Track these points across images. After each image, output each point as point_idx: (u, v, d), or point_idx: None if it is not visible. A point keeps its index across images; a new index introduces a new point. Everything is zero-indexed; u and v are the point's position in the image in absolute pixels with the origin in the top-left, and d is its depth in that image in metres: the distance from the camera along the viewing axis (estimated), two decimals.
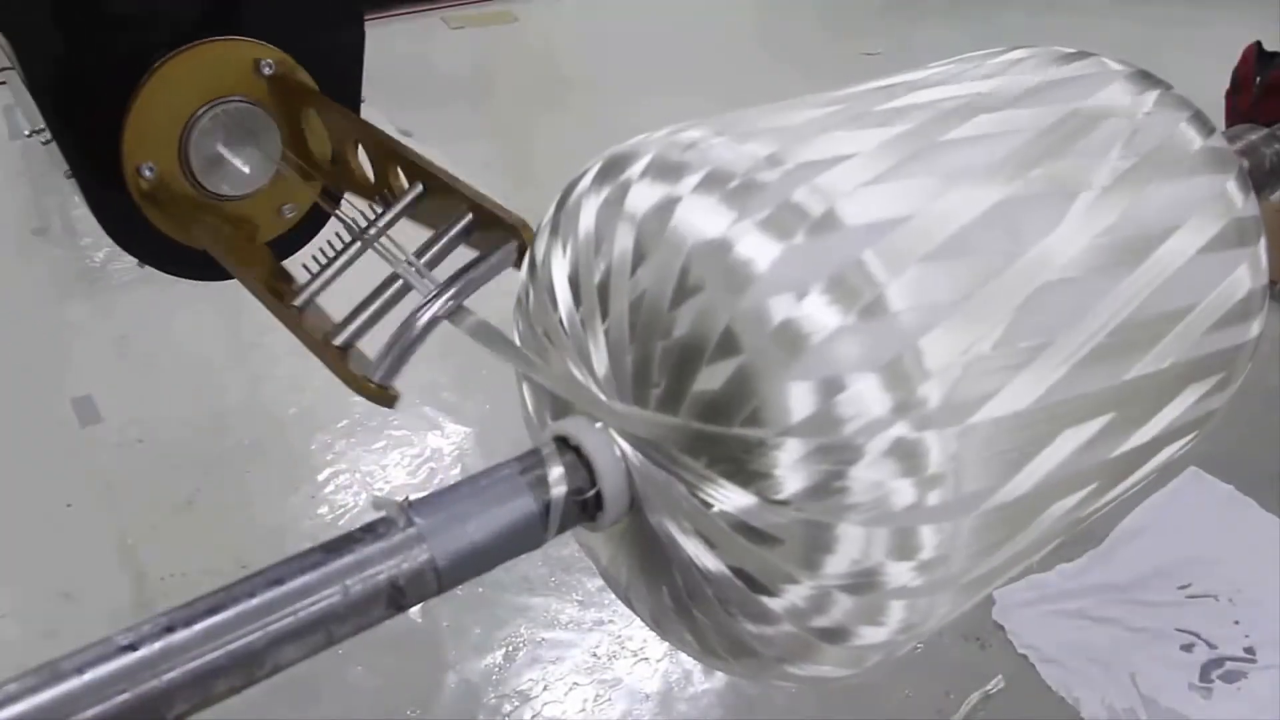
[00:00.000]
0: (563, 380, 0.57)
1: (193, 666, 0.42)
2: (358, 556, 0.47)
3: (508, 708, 1.94)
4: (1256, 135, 0.76)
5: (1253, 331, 0.63)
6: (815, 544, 0.48)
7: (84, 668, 0.40)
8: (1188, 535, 2.25)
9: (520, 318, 0.62)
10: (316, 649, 0.46)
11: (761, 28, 6.29)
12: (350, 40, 1.26)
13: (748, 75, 4.95)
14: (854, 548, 0.48)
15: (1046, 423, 0.51)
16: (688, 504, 0.51)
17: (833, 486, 0.47)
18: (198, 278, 1.28)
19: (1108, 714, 1.87)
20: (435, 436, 2.72)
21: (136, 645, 0.41)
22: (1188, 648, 2.00)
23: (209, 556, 2.26)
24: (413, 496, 0.50)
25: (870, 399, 0.46)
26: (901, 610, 0.51)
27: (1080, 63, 0.65)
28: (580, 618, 2.12)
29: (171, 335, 3.30)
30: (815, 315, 0.46)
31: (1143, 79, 0.64)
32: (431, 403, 2.84)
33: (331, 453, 2.66)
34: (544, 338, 0.58)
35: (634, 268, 0.51)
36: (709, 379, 0.48)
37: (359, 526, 0.48)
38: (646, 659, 2.02)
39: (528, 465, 0.53)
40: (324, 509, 2.45)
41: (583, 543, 0.64)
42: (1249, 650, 1.99)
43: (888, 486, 0.47)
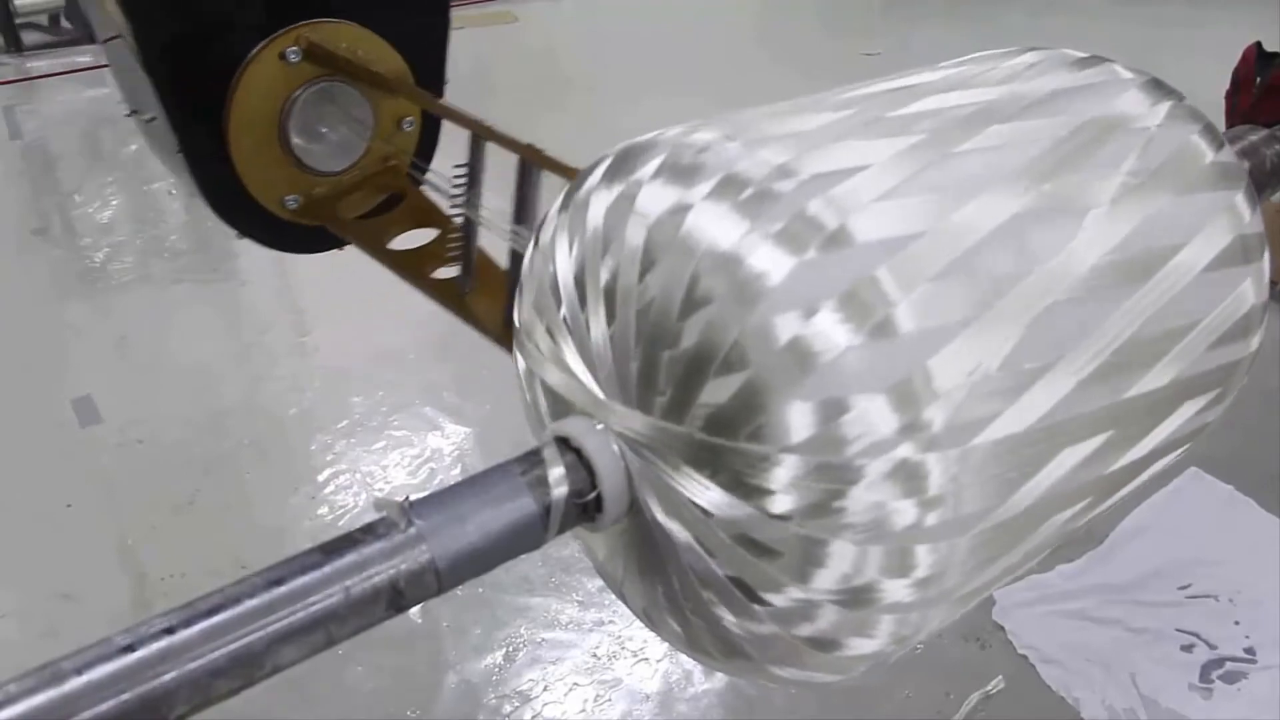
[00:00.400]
0: (574, 385, 0.56)
1: (193, 667, 0.42)
2: (358, 557, 0.47)
3: (508, 708, 1.94)
4: (1257, 136, 0.76)
5: (1252, 346, 0.62)
6: (810, 558, 0.48)
7: (84, 668, 0.40)
8: (1188, 535, 2.25)
9: (521, 309, 0.61)
10: (316, 649, 0.46)
11: (761, 28, 6.29)
12: (437, 26, 1.35)
13: (748, 75, 4.95)
14: (847, 564, 0.48)
15: (1046, 442, 0.51)
16: (687, 511, 0.51)
17: (831, 505, 0.47)
18: (295, 250, 1.40)
19: (1108, 714, 1.87)
20: (435, 437, 2.72)
21: (136, 646, 0.41)
22: (1188, 648, 2.00)
23: (209, 557, 2.26)
24: (413, 497, 0.50)
25: (876, 420, 0.45)
26: (893, 624, 0.51)
27: (1093, 70, 0.64)
28: (580, 618, 2.12)
29: (171, 335, 3.29)
30: (825, 333, 0.45)
31: (1155, 89, 0.63)
32: (432, 403, 2.84)
33: (331, 453, 2.66)
34: (546, 332, 0.58)
35: (643, 273, 0.51)
36: (715, 392, 0.48)
37: (359, 527, 0.48)
38: (646, 659, 2.02)
39: (528, 466, 0.52)
40: (324, 509, 2.45)
41: (581, 540, 0.64)
42: (1249, 650, 1.99)
43: (887, 507, 0.46)
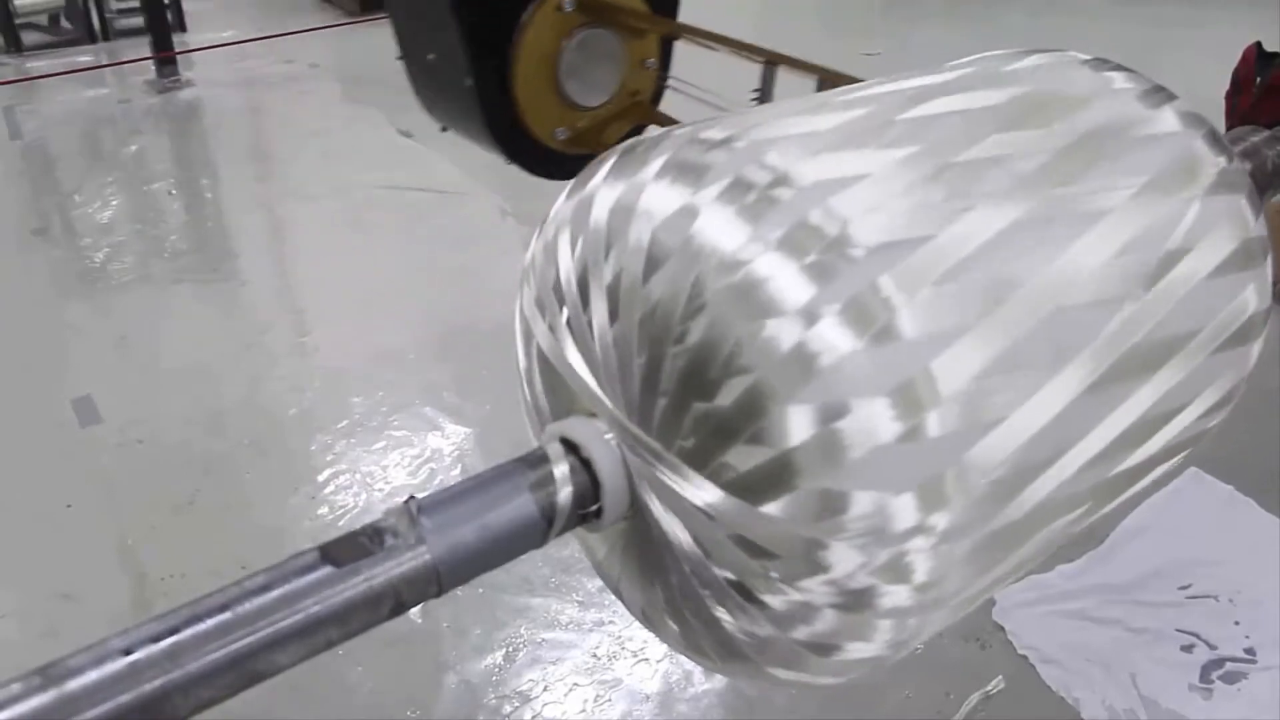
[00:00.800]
0: (575, 385, 0.56)
1: (192, 668, 0.42)
2: (358, 557, 0.47)
3: (508, 708, 1.94)
4: (1258, 137, 0.75)
5: (1254, 351, 0.62)
6: (809, 561, 0.48)
7: (84, 669, 0.40)
8: (1188, 536, 2.25)
9: (523, 306, 0.61)
10: (317, 651, 0.45)
11: (761, 28, 6.29)
12: None
13: (748, 75, 4.95)
14: (847, 568, 0.48)
15: (1048, 448, 0.51)
16: (687, 511, 0.51)
17: (833, 508, 0.47)
18: (556, 177, 1.59)
19: (1108, 714, 1.87)
20: (435, 437, 2.72)
21: (136, 647, 0.41)
22: (1188, 648, 2.00)
23: (209, 557, 2.26)
24: (413, 497, 0.50)
25: (877, 424, 0.45)
26: (891, 628, 0.50)
27: (1097, 74, 0.64)
28: (580, 618, 2.12)
29: (171, 335, 3.29)
30: (827, 338, 0.45)
31: (1158, 95, 0.63)
32: (432, 403, 2.84)
33: (331, 453, 2.66)
34: (548, 331, 0.58)
35: (647, 275, 0.50)
36: (717, 394, 0.48)
37: (359, 527, 0.48)
38: (646, 660, 2.02)
39: (529, 466, 0.52)
40: (324, 509, 2.44)
41: (580, 539, 0.64)
42: (1249, 651, 1.99)
43: (888, 511, 0.46)
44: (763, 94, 1.28)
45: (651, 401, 0.51)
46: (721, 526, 0.50)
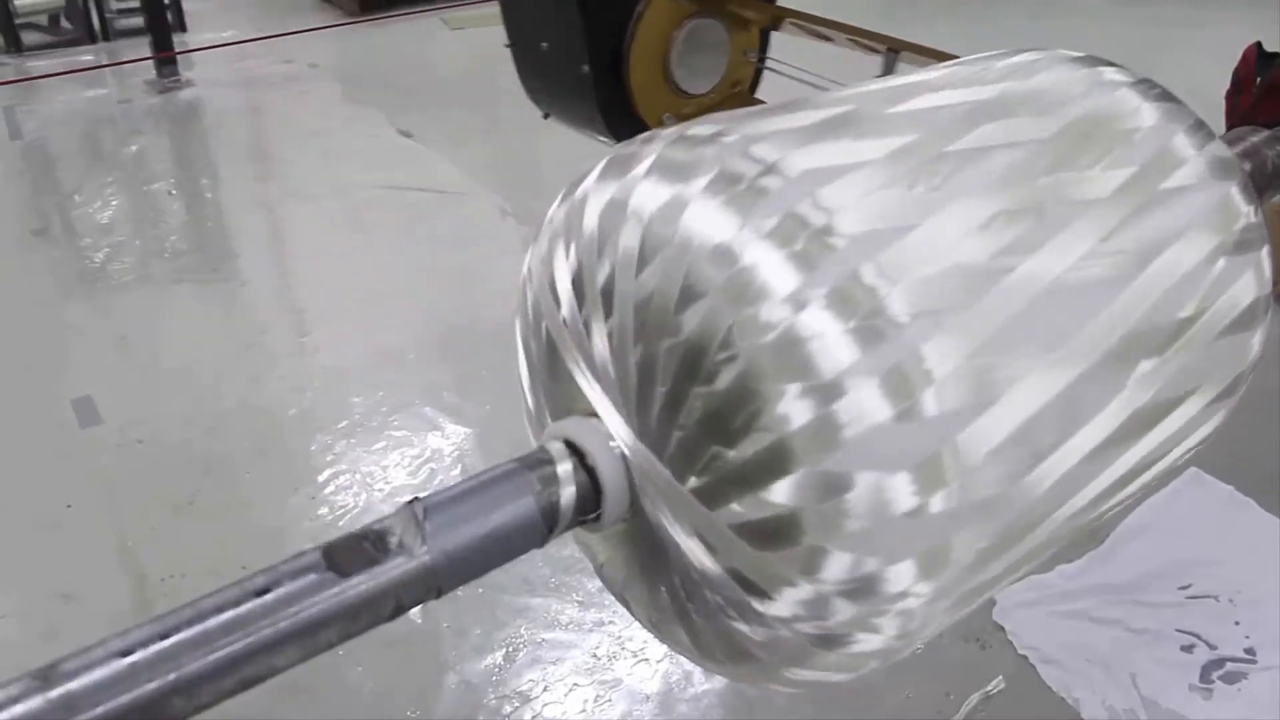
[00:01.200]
0: (575, 385, 0.56)
1: (191, 669, 0.42)
2: (358, 558, 0.47)
3: (508, 708, 1.94)
4: (1259, 137, 0.75)
5: (1256, 339, 0.63)
6: (814, 549, 0.48)
7: (83, 670, 0.40)
8: (1188, 536, 2.25)
9: (521, 315, 0.61)
10: (317, 651, 0.45)
11: None
12: None
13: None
14: (854, 554, 0.48)
15: (1050, 434, 0.51)
16: (688, 506, 0.51)
17: (834, 489, 0.47)
18: None
19: (1108, 715, 1.87)
20: (435, 437, 2.72)
21: (136, 649, 0.41)
22: (1188, 648, 2.00)
23: (209, 557, 2.26)
24: (413, 497, 0.50)
25: (870, 405, 0.46)
26: (900, 617, 0.50)
27: (1086, 69, 0.64)
28: (580, 619, 2.12)
29: (171, 335, 3.30)
30: (816, 324, 0.46)
31: (1146, 87, 0.64)
32: (432, 404, 2.84)
33: (331, 453, 2.66)
34: (546, 333, 0.58)
35: (639, 270, 0.51)
36: (712, 383, 0.48)
37: (359, 527, 0.48)
38: (646, 660, 2.02)
39: (530, 466, 0.52)
40: (324, 509, 2.44)
41: (580, 542, 0.64)
42: (1249, 651, 1.99)
43: (887, 491, 0.47)
44: None
45: (650, 395, 0.51)
46: (724, 517, 0.50)
